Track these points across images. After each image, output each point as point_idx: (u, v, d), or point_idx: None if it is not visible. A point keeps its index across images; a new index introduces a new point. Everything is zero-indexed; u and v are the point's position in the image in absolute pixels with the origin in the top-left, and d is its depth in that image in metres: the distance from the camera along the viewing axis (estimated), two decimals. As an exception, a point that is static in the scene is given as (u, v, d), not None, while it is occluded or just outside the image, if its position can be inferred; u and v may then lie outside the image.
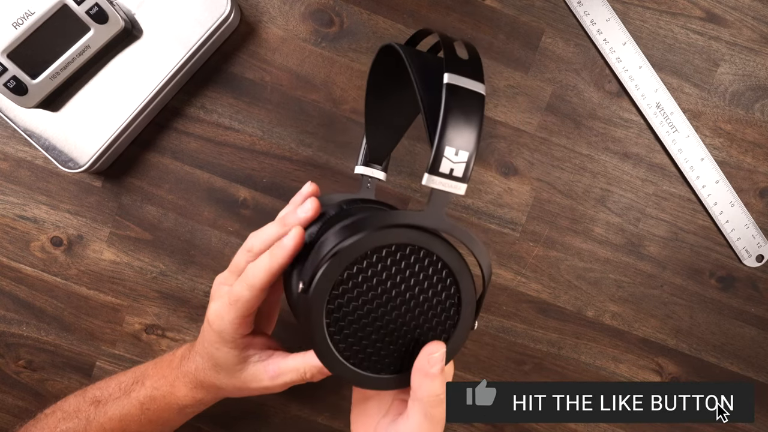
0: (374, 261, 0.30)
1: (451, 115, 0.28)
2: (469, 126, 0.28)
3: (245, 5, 0.49)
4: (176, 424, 0.43)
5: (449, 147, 0.27)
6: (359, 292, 0.30)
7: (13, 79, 0.42)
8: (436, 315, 0.32)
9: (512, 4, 0.49)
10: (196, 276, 0.50)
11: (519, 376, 0.52)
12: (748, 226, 0.51)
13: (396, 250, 0.30)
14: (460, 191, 0.28)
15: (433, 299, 0.31)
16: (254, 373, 0.37)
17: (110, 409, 0.41)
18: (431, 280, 0.31)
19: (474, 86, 0.29)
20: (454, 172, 0.28)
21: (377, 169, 0.43)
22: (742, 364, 0.53)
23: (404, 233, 0.30)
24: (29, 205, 0.49)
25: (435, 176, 0.28)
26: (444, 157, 0.27)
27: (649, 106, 0.49)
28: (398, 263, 0.30)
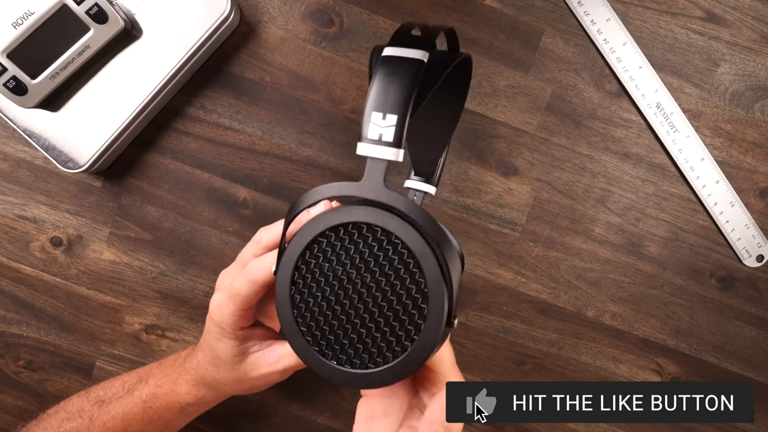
0: (331, 242, 0.29)
1: (378, 82, 0.27)
2: (397, 89, 0.27)
3: (245, 5, 0.49)
4: (178, 425, 0.43)
5: (375, 112, 0.27)
6: (318, 275, 0.30)
7: (12, 79, 0.42)
8: (400, 303, 0.29)
9: (512, 4, 0.49)
10: (196, 276, 0.50)
11: (519, 376, 0.52)
12: (749, 226, 0.51)
13: (353, 230, 0.29)
14: (391, 156, 0.27)
15: (395, 286, 0.29)
16: (253, 361, 0.37)
17: (113, 408, 0.41)
18: (391, 264, 0.28)
19: (411, 54, 0.28)
20: (383, 136, 0.27)
21: (421, 181, 0.42)
22: (742, 364, 0.53)
23: (359, 211, 0.28)
24: (29, 205, 0.49)
25: (364, 143, 0.27)
26: (371, 122, 0.27)
27: (649, 106, 0.49)
28: (356, 244, 0.29)
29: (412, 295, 0.28)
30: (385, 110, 0.27)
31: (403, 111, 0.27)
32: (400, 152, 0.27)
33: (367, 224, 0.29)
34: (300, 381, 0.38)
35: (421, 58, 0.27)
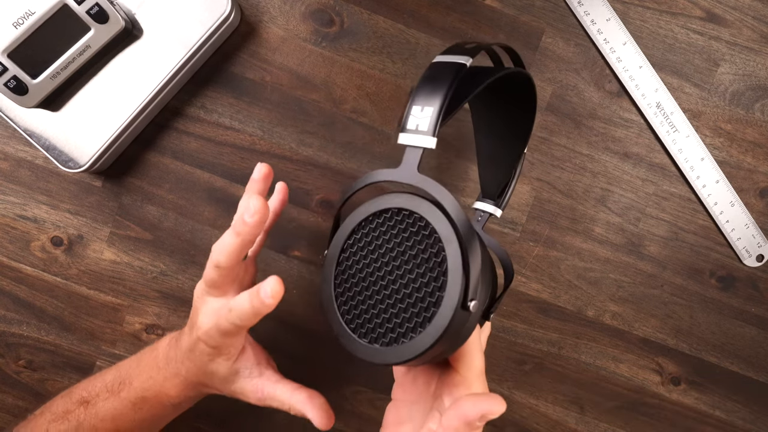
0: (372, 228, 0.32)
1: (422, 81, 0.29)
2: (437, 86, 0.29)
3: (245, 5, 0.49)
4: (170, 418, 0.43)
5: (415, 105, 0.29)
6: (357, 258, 0.32)
7: (13, 78, 0.42)
8: (422, 286, 0.30)
9: (512, 3, 0.49)
10: (197, 276, 0.50)
11: (519, 376, 0.52)
12: (749, 226, 0.51)
13: (391, 216, 0.31)
14: (426, 143, 0.29)
15: (420, 268, 0.30)
16: (242, 388, 0.38)
17: (101, 410, 0.40)
18: (419, 247, 0.30)
19: (455, 59, 0.30)
20: (419, 126, 0.29)
21: (488, 203, 0.42)
22: (742, 364, 0.53)
23: (396, 198, 0.31)
24: (29, 204, 0.49)
25: (404, 133, 0.29)
26: (411, 115, 0.29)
27: (649, 106, 0.49)
28: (392, 229, 0.31)
29: (432, 279, 0.29)
30: (424, 104, 0.29)
31: (440, 103, 0.29)
32: (434, 140, 0.29)
33: (400, 209, 0.31)
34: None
35: (461, 62, 0.29)
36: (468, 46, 0.32)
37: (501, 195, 0.41)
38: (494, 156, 0.41)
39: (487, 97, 0.40)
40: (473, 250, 0.28)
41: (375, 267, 0.31)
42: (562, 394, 0.53)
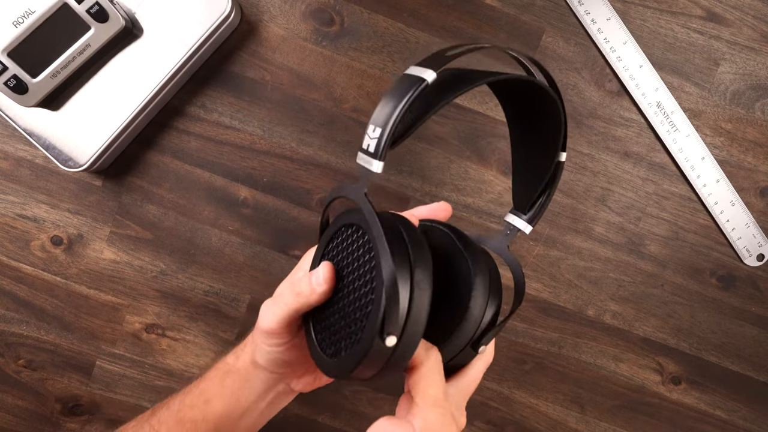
0: (336, 243, 0.32)
1: (383, 97, 0.28)
2: (390, 104, 0.28)
3: (246, 4, 0.49)
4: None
5: (371, 124, 0.28)
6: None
7: (13, 77, 0.42)
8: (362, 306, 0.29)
9: (513, 3, 0.49)
10: (197, 275, 0.50)
11: (519, 375, 0.52)
12: (749, 225, 0.51)
13: (347, 231, 0.31)
14: (370, 167, 0.28)
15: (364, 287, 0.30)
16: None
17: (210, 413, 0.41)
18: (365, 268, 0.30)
19: (418, 72, 0.28)
20: (369, 147, 0.28)
21: (517, 217, 0.39)
22: (742, 364, 0.53)
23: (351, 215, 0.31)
24: (29, 204, 0.49)
25: (359, 152, 0.29)
26: (366, 134, 0.28)
27: (649, 105, 0.49)
28: (353, 244, 0.31)
29: (367, 303, 0.29)
30: (376, 123, 0.28)
31: (389, 126, 0.27)
32: (379, 164, 0.28)
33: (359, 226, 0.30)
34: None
35: (420, 76, 0.28)
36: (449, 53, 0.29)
37: (531, 208, 0.38)
38: (521, 166, 0.39)
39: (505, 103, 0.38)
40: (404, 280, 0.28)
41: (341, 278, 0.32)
42: (562, 393, 0.53)
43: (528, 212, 0.38)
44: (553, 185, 0.37)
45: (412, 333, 0.28)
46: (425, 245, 0.29)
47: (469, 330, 0.31)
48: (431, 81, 0.28)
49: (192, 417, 0.40)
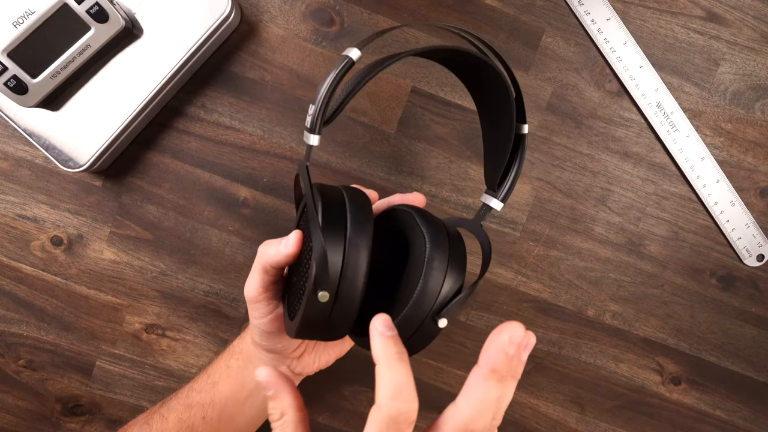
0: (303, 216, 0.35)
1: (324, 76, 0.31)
2: (322, 83, 0.30)
3: (246, 4, 0.49)
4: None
5: (310, 104, 0.31)
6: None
7: (13, 78, 0.42)
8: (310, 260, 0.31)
9: (513, 3, 0.49)
10: (197, 275, 0.50)
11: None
12: (749, 226, 0.51)
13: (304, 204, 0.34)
14: (310, 141, 0.31)
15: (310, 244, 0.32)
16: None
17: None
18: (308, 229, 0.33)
19: (347, 52, 0.31)
20: (308, 124, 0.31)
21: (489, 195, 0.38)
22: (742, 364, 0.53)
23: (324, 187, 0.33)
24: (29, 204, 0.49)
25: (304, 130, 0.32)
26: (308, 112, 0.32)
27: (649, 106, 0.49)
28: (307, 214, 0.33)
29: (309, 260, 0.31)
30: (312, 102, 0.31)
31: (319, 102, 0.31)
32: (315, 137, 0.31)
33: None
34: (300, 381, 0.38)
35: (347, 54, 0.31)
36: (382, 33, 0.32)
37: (500, 186, 0.38)
38: (487, 143, 0.40)
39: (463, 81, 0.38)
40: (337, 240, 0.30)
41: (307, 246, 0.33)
42: (562, 393, 0.53)
43: (498, 190, 0.38)
44: (516, 159, 0.37)
45: (349, 290, 0.30)
46: (366, 210, 0.31)
47: (427, 301, 0.31)
48: (356, 58, 0.31)
49: (200, 400, 0.41)
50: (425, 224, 0.33)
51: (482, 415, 0.25)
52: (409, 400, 0.25)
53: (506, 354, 0.25)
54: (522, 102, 0.36)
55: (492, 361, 0.25)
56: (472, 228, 0.38)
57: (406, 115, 0.50)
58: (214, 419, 0.41)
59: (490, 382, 0.25)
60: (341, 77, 0.30)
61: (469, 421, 0.25)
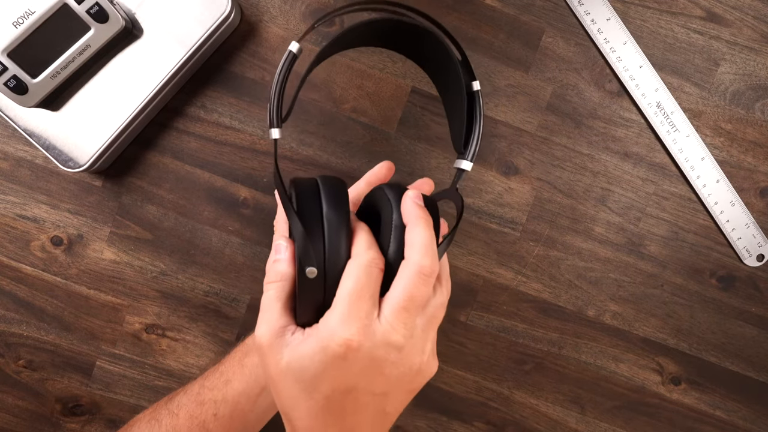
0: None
1: None
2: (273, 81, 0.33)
3: (246, 5, 0.49)
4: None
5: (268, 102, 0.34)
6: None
7: (13, 78, 0.42)
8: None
9: (513, 3, 0.49)
10: (197, 275, 0.50)
11: (520, 376, 0.52)
12: (749, 226, 0.51)
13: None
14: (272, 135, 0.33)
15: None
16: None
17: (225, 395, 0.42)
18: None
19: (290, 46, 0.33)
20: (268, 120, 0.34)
21: (460, 158, 0.38)
22: (742, 364, 0.53)
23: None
24: (29, 204, 0.49)
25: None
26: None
27: (649, 106, 0.49)
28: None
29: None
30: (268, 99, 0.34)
31: (270, 97, 0.33)
32: (276, 130, 0.33)
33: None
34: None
35: (290, 49, 0.33)
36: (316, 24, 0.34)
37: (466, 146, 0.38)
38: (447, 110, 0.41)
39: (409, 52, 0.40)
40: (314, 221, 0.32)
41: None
42: (562, 393, 0.53)
43: (465, 151, 0.38)
44: (475, 117, 0.38)
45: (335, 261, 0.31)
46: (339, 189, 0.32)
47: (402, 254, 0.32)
48: (296, 51, 0.33)
49: (212, 397, 0.41)
50: (391, 192, 0.34)
51: (426, 252, 0.30)
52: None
53: (412, 204, 0.32)
54: (467, 60, 0.37)
55: (407, 214, 0.31)
56: (449, 195, 0.38)
57: (406, 115, 0.50)
58: (226, 416, 0.41)
59: (414, 228, 0.31)
60: (287, 71, 0.33)
61: (420, 258, 0.30)
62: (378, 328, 0.30)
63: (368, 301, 0.30)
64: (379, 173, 0.43)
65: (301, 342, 0.30)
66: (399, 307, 0.30)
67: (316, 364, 0.29)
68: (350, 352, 0.29)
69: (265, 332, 0.31)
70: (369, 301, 0.30)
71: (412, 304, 0.30)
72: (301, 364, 0.30)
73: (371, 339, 0.29)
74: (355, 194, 0.42)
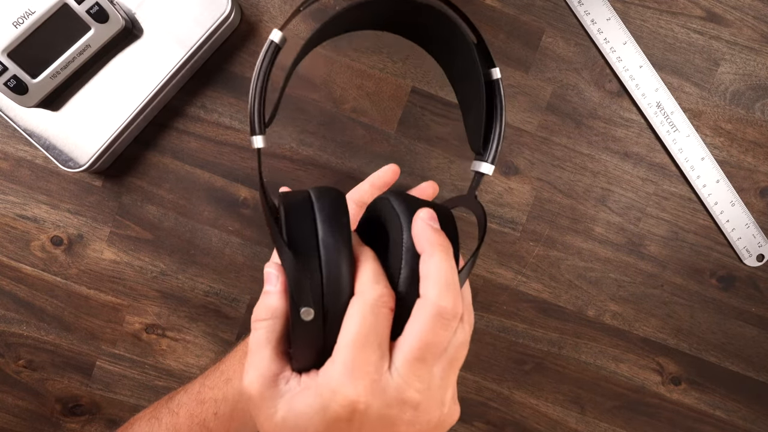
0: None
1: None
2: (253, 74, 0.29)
3: (246, 5, 0.49)
4: None
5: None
6: None
7: (13, 78, 0.42)
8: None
9: (513, 3, 0.49)
10: (197, 275, 0.50)
11: (519, 376, 0.52)
12: (749, 226, 0.51)
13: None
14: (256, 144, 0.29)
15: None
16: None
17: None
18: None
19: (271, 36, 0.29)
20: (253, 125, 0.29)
21: (478, 160, 0.33)
22: (742, 364, 0.53)
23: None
24: (29, 204, 0.49)
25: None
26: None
27: (649, 106, 0.49)
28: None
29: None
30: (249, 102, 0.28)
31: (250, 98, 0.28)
32: (258, 139, 0.28)
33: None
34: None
35: (271, 39, 0.28)
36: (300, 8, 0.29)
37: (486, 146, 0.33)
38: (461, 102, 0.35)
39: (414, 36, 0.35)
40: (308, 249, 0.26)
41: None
42: (562, 393, 0.53)
43: (485, 152, 0.33)
44: (496, 111, 0.32)
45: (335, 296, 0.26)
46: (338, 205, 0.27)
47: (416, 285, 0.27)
48: (278, 40, 0.28)
49: (213, 396, 0.41)
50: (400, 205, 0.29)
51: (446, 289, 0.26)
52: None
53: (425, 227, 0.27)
54: (485, 44, 0.32)
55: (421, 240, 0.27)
56: (467, 202, 0.33)
57: (406, 115, 0.50)
58: (227, 415, 0.41)
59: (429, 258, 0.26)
60: (270, 65, 0.28)
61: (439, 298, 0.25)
62: (389, 383, 0.25)
63: (376, 350, 0.25)
64: (385, 177, 0.41)
65: (297, 394, 0.26)
66: (413, 357, 0.25)
67: (315, 426, 0.25)
68: (356, 415, 0.25)
69: (255, 380, 0.26)
70: (377, 350, 0.25)
71: (429, 354, 0.25)
72: (297, 422, 0.25)
73: (381, 397, 0.25)
74: (358, 197, 0.41)
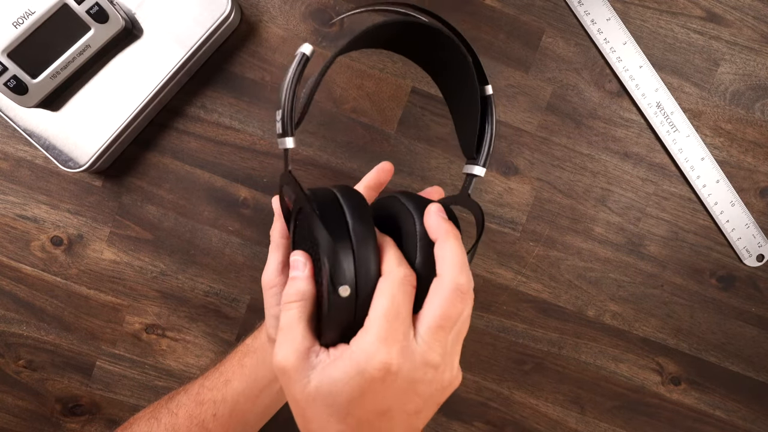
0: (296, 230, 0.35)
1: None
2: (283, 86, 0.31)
3: (246, 5, 0.49)
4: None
5: (278, 109, 0.31)
6: None
7: (13, 78, 0.42)
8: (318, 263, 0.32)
9: (513, 3, 0.49)
10: (197, 275, 0.50)
11: (519, 376, 0.52)
12: (749, 226, 0.51)
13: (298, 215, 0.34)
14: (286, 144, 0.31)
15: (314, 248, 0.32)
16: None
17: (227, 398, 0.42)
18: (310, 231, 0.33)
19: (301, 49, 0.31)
20: (279, 129, 0.31)
21: (470, 164, 0.37)
22: (742, 364, 0.53)
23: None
24: (29, 204, 0.49)
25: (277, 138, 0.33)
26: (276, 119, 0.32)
27: (649, 106, 0.49)
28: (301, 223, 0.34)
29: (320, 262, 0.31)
30: (278, 107, 0.31)
31: (285, 105, 0.30)
32: (290, 139, 0.31)
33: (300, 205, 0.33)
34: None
35: (302, 51, 0.31)
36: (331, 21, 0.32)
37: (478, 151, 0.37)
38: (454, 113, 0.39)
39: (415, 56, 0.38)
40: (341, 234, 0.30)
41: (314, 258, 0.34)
42: (562, 393, 0.53)
43: (477, 156, 0.37)
44: (488, 122, 0.37)
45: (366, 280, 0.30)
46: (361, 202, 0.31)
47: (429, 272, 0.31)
48: (309, 53, 0.31)
49: (212, 397, 0.41)
50: (410, 202, 0.33)
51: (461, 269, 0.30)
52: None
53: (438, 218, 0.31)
54: (479, 63, 0.35)
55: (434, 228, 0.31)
56: (461, 201, 0.37)
57: (406, 115, 0.50)
58: (225, 416, 0.41)
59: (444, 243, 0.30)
60: (300, 74, 0.31)
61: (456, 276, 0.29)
62: (416, 349, 0.29)
63: (404, 321, 0.29)
64: (378, 177, 0.42)
65: (329, 364, 0.29)
66: (435, 325, 0.29)
67: (352, 388, 0.28)
68: (389, 375, 0.28)
69: (290, 354, 0.29)
70: (405, 321, 0.29)
71: (448, 323, 0.29)
72: (332, 388, 0.28)
73: (410, 360, 0.28)
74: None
